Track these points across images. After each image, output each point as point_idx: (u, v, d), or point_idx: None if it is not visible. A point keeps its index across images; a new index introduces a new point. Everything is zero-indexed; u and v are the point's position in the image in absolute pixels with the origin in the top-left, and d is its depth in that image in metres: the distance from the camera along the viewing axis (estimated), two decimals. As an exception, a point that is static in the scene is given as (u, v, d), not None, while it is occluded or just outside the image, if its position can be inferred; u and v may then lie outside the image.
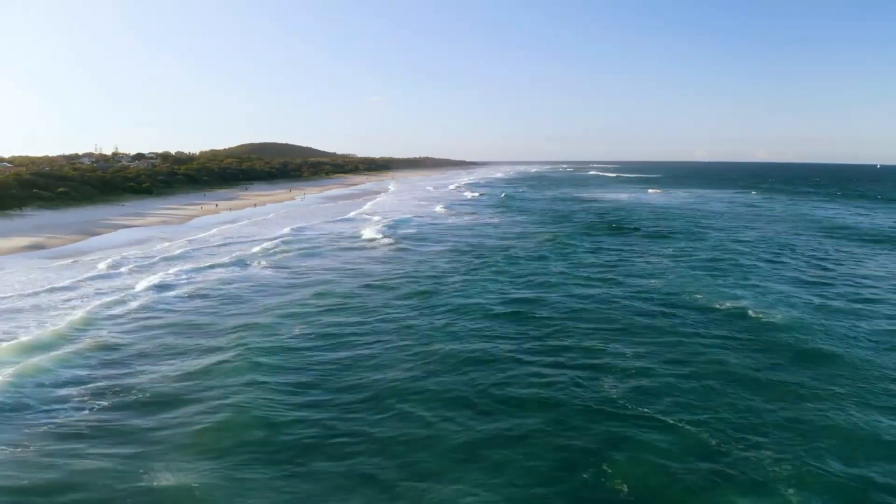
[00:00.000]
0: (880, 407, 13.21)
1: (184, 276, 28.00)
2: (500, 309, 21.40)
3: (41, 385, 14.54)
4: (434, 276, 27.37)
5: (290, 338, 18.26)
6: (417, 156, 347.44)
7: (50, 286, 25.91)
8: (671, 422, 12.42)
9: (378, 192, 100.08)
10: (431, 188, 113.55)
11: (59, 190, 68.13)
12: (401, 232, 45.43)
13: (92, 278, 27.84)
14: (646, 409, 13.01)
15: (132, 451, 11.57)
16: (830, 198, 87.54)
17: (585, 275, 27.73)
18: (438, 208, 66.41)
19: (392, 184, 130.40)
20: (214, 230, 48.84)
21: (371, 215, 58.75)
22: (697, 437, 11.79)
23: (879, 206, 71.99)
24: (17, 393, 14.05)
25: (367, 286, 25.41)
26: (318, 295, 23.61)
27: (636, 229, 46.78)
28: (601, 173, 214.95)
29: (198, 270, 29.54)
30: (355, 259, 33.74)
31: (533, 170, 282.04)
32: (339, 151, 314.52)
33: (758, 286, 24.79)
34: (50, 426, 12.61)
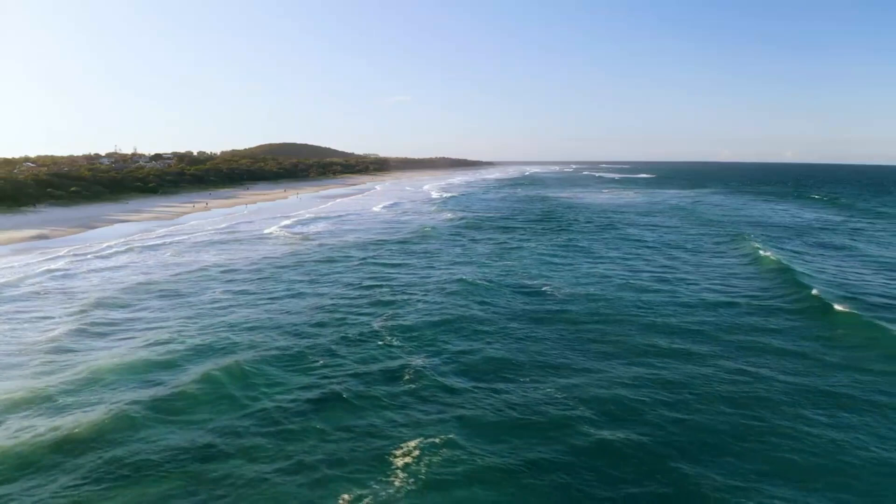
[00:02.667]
0: (619, 353, 18.54)
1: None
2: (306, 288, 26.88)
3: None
4: (276, 266, 32.25)
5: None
6: (434, 156, 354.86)
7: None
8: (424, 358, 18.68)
9: (357, 193, 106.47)
10: (410, 189, 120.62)
11: (72, 189, 76.36)
12: (306, 229, 50.45)
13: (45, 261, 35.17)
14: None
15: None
16: (784, 197, 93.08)
17: (413, 262, 33.03)
18: (377, 208, 71.41)
19: (380, 185, 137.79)
20: (191, 223, 56.25)
21: (312, 214, 63.93)
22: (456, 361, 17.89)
23: (813, 205, 77.74)
24: None
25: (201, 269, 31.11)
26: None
27: (552, 224, 52.90)
28: (603, 174, 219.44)
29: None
30: (238, 248, 38.87)
31: (537, 170, 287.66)
32: (359, 152, 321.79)
33: (580, 270, 30.71)
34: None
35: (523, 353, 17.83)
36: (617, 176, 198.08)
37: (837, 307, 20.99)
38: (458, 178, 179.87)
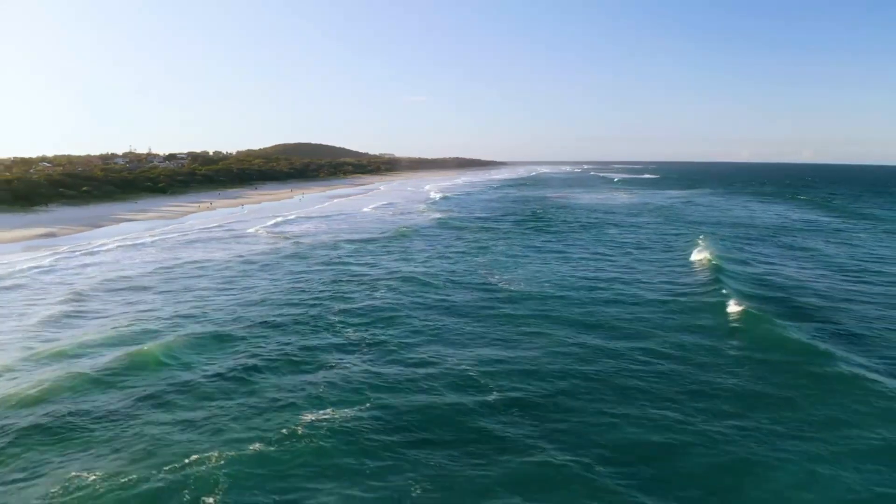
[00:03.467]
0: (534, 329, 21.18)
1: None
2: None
3: None
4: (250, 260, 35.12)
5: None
6: (446, 156, 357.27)
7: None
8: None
9: (360, 194, 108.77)
10: (412, 189, 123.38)
11: (83, 189, 79.67)
12: (289, 228, 52.77)
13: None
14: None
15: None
16: (780, 198, 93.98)
17: (374, 260, 35.23)
18: (368, 208, 73.60)
19: (385, 185, 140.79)
20: (191, 222, 59.01)
21: (304, 214, 66.36)
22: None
23: (805, 206, 79.04)
24: None
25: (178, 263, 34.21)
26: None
27: (536, 224, 54.78)
28: (611, 174, 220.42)
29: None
30: (216, 247, 41.26)
31: (547, 170, 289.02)
32: (373, 152, 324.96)
33: (540, 269, 32.57)
34: None
35: (440, 340, 20.02)
36: (623, 176, 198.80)
37: (735, 306, 22.58)
38: (465, 178, 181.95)
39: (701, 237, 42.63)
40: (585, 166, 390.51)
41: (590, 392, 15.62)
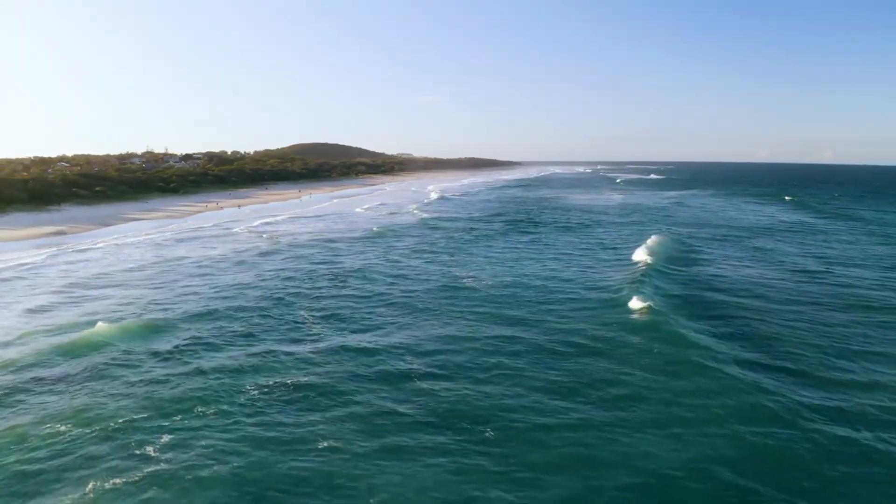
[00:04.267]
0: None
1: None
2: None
3: None
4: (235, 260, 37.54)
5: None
6: (461, 157, 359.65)
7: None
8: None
9: (365, 194, 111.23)
10: (415, 189, 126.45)
11: (97, 189, 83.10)
12: (274, 228, 55.17)
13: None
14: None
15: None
16: (776, 199, 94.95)
17: (336, 257, 37.65)
18: (361, 209, 75.87)
19: (391, 186, 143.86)
20: (189, 222, 61.95)
21: (298, 214, 69.10)
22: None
23: (797, 207, 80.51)
24: None
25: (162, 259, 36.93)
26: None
27: (522, 225, 56.56)
28: (621, 175, 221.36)
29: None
30: (199, 245, 43.94)
31: (559, 170, 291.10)
32: (390, 152, 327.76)
33: (501, 268, 34.16)
34: None
35: (351, 326, 22.43)
36: (629, 177, 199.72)
37: (637, 303, 24.43)
38: (472, 179, 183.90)
39: (654, 238, 43.98)
40: (599, 167, 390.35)
41: (464, 370, 18.01)
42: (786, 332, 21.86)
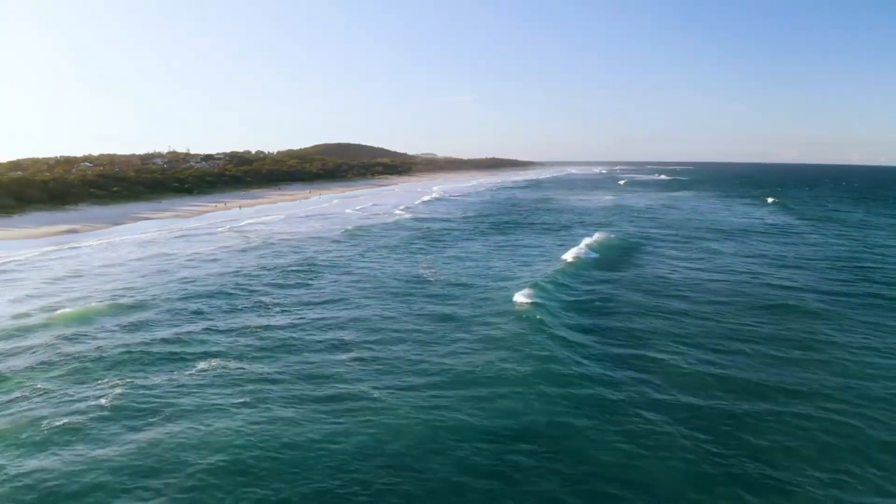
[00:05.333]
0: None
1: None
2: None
3: None
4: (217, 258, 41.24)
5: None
6: (485, 156, 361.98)
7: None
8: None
9: (371, 195, 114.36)
10: (420, 189, 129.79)
11: (114, 189, 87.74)
12: (259, 228, 58.79)
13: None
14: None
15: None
16: (773, 200, 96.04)
17: (301, 254, 41.00)
18: (350, 209, 79.03)
19: (400, 186, 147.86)
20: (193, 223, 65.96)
21: (292, 214, 73.00)
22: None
23: (791, 208, 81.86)
24: None
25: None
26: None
27: (507, 226, 59.04)
28: (634, 175, 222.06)
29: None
30: (183, 244, 47.62)
31: (574, 171, 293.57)
32: (412, 152, 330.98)
33: (460, 267, 36.72)
34: None
35: (273, 310, 25.69)
36: (639, 177, 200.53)
37: (521, 299, 27.00)
38: (484, 179, 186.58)
39: (597, 236, 46.52)
40: (617, 167, 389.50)
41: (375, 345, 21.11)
42: (660, 328, 23.96)
